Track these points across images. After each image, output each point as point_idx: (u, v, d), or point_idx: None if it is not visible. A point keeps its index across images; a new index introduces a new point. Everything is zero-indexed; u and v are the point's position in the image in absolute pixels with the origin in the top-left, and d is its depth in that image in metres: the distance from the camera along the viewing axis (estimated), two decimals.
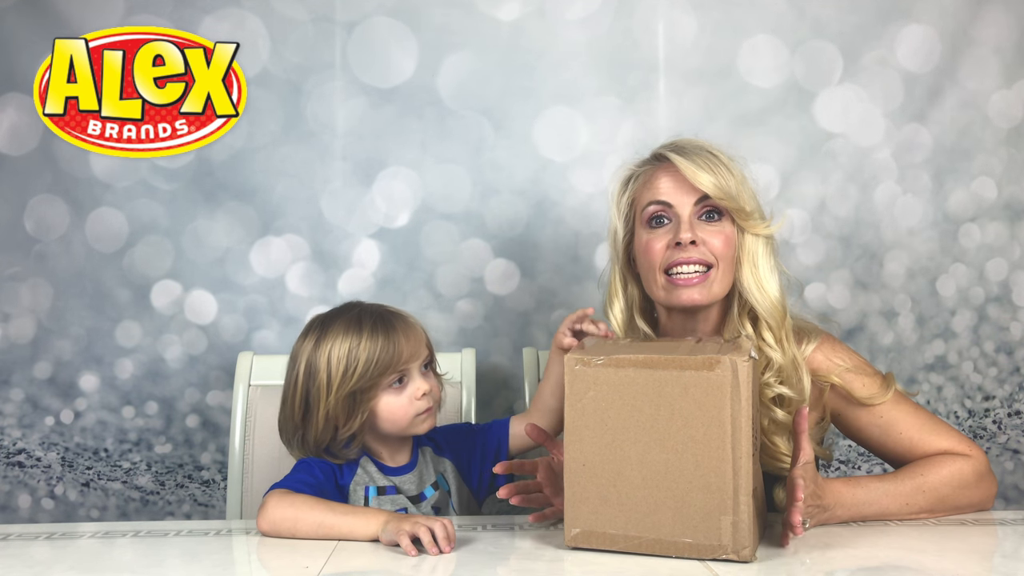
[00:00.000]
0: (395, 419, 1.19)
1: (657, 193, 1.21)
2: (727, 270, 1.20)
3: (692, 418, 0.95)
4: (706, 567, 0.92)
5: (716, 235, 1.19)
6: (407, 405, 1.19)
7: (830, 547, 1.03)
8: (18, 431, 1.76)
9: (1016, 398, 1.83)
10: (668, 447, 0.95)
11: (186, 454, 1.78)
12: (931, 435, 1.19)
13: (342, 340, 1.18)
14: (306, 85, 1.75)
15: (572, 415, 0.99)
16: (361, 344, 1.17)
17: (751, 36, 1.78)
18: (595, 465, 0.98)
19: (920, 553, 1.01)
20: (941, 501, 1.14)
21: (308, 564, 0.95)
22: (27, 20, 1.72)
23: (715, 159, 1.19)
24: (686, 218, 1.19)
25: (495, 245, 1.77)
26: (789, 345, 1.20)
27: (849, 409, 1.21)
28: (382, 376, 1.17)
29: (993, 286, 1.83)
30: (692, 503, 0.95)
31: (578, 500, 0.99)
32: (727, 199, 1.18)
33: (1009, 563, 1.01)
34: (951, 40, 1.79)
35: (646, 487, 0.96)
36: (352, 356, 1.16)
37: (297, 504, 1.07)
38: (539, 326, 1.78)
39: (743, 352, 0.95)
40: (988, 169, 1.81)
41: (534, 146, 1.76)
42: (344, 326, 1.20)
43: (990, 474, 1.18)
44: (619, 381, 0.97)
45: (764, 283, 1.20)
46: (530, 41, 1.77)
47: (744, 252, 1.21)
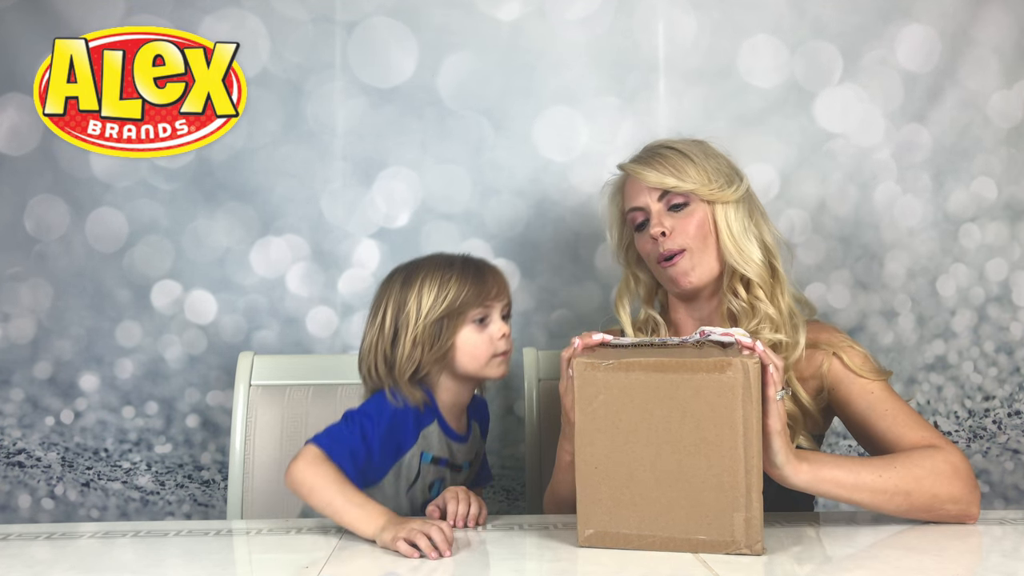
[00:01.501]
0: (475, 355, 1.23)
1: (629, 201, 1.32)
2: (705, 248, 1.28)
3: (704, 419, 0.96)
4: (706, 567, 0.92)
5: (685, 221, 1.27)
6: (488, 344, 1.24)
7: (829, 546, 1.03)
8: (18, 431, 1.76)
9: (1016, 398, 1.83)
10: (680, 448, 0.97)
11: (186, 454, 1.78)
12: (915, 424, 1.18)
13: (434, 274, 1.24)
14: (306, 85, 1.75)
15: (583, 419, 1.00)
16: (453, 277, 1.23)
17: (751, 36, 1.78)
18: (607, 467, 0.99)
19: (920, 553, 1.01)
20: (917, 482, 1.10)
21: (308, 564, 0.95)
22: (27, 20, 1.72)
23: (668, 154, 1.29)
24: (655, 215, 1.28)
25: (495, 245, 1.77)
26: (784, 299, 1.26)
27: (846, 379, 1.24)
28: (469, 308, 1.23)
29: (993, 286, 1.83)
30: (705, 502, 0.97)
31: (591, 502, 1.00)
32: (682, 186, 1.26)
33: (1009, 563, 1.01)
34: (951, 40, 1.79)
35: (659, 488, 0.98)
36: (444, 286, 1.22)
37: (320, 475, 1.09)
38: (539, 326, 1.78)
39: (752, 359, 0.96)
40: (988, 169, 1.81)
41: (534, 146, 1.76)
42: (434, 264, 1.26)
43: (969, 476, 1.13)
44: (630, 384, 0.98)
45: (742, 246, 1.27)
46: (530, 41, 1.77)
47: (720, 224, 1.27)
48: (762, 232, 1.29)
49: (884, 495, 1.09)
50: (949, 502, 1.11)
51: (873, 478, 1.09)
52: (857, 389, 1.23)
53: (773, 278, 1.27)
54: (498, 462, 1.75)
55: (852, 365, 1.24)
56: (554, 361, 1.57)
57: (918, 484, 1.10)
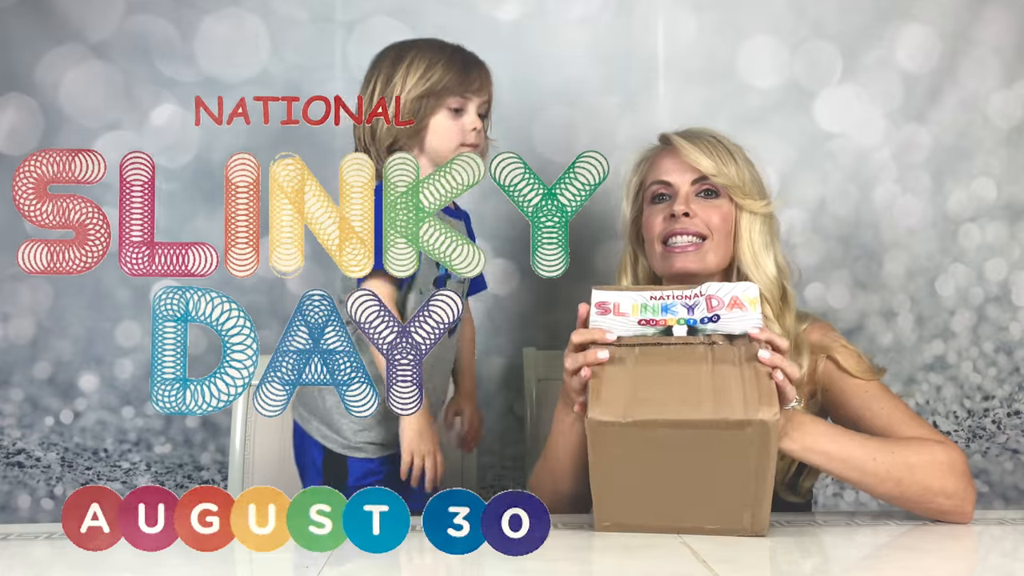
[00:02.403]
0: (444, 140, 1.31)
1: (659, 173, 1.30)
2: (722, 243, 1.26)
3: (720, 463, 0.97)
4: (706, 567, 0.92)
5: (712, 210, 1.26)
6: (458, 132, 1.32)
7: (829, 546, 1.03)
8: (18, 431, 1.75)
9: (1016, 398, 1.83)
10: (694, 480, 0.99)
11: (186, 454, 1.78)
12: (911, 422, 1.17)
13: (423, 55, 1.31)
14: (306, 85, 1.74)
15: (596, 462, 1.00)
16: (441, 63, 1.30)
17: (751, 36, 1.78)
18: (620, 489, 1.02)
19: (920, 553, 1.01)
20: (910, 470, 1.08)
21: (308, 564, 0.95)
22: (27, 20, 1.71)
23: (716, 143, 1.28)
24: (683, 194, 1.27)
25: (495, 245, 1.77)
26: (789, 320, 1.24)
27: (838, 379, 1.23)
28: (448, 95, 1.31)
29: (992, 286, 1.82)
30: (716, 504, 0.99)
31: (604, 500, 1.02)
32: (722, 177, 1.25)
33: (1009, 563, 1.01)
34: (951, 40, 1.79)
35: (672, 502, 1.00)
36: (431, 68, 1.29)
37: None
38: (539, 326, 1.78)
39: (772, 405, 0.95)
40: (988, 169, 1.81)
41: (534, 146, 1.76)
42: (427, 47, 1.33)
43: (966, 473, 1.11)
44: (645, 438, 0.97)
45: (759, 258, 1.26)
46: (530, 41, 1.77)
47: (742, 228, 1.27)
48: (777, 253, 1.28)
49: (875, 478, 1.08)
50: (941, 495, 1.09)
51: (866, 459, 1.08)
52: (850, 390, 1.22)
53: (783, 299, 1.25)
54: (498, 462, 1.75)
55: (845, 366, 1.22)
56: (554, 361, 1.56)
57: (910, 473, 1.08)
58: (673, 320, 1.06)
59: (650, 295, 1.10)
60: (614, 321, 1.06)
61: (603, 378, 1.00)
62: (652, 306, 1.08)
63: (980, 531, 1.11)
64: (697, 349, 1.02)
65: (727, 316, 1.05)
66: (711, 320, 1.05)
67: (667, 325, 1.05)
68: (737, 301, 1.06)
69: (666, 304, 1.08)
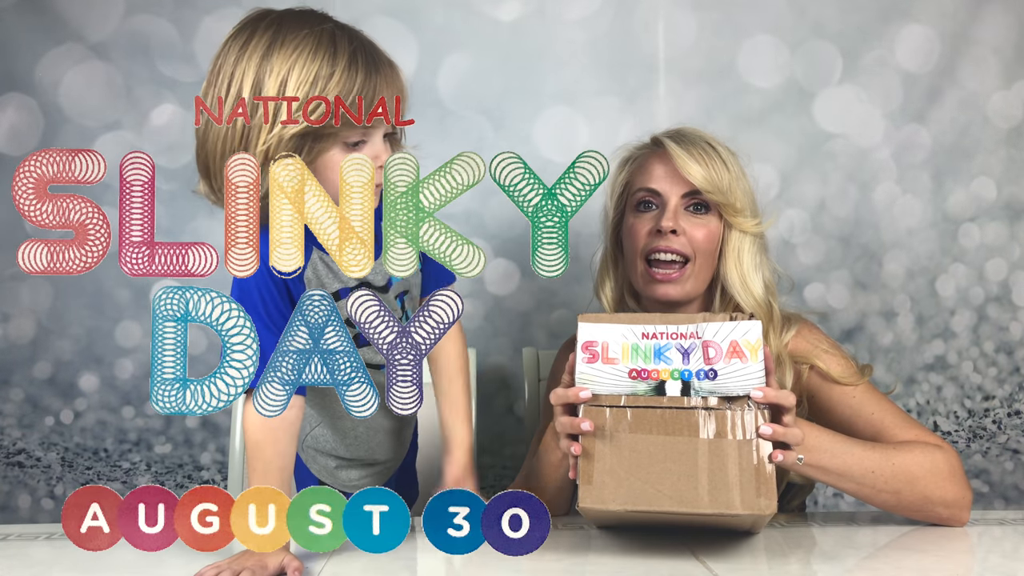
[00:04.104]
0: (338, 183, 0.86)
1: (648, 180, 1.24)
2: (705, 264, 1.22)
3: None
4: (706, 567, 0.92)
5: (699, 228, 1.21)
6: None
7: (829, 547, 1.03)
8: (18, 431, 1.75)
9: (1016, 398, 1.83)
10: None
11: (186, 454, 1.78)
12: (903, 424, 1.15)
13: (309, 59, 0.91)
14: None
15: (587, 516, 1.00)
16: (335, 76, 0.91)
17: (751, 36, 1.78)
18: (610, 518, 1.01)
19: (920, 553, 1.01)
20: (911, 483, 1.07)
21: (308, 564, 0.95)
22: (27, 20, 1.71)
23: (712, 152, 1.21)
24: (671, 207, 1.22)
25: (495, 245, 1.77)
26: (774, 339, 1.20)
27: (824, 387, 1.20)
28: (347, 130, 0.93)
29: (993, 286, 1.83)
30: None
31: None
32: (716, 193, 1.20)
33: (1009, 563, 1.01)
34: (951, 40, 1.79)
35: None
36: (319, 87, 0.91)
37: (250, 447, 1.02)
38: (539, 326, 1.78)
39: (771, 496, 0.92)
40: (988, 169, 1.82)
41: (534, 146, 1.76)
42: (313, 41, 0.92)
43: (964, 478, 1.11)
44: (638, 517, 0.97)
45: (747, 279, 1.22)
46: (530, 41, 1.77)
47: (729, 247, 1.22)
48: (765, 272, 1.24)
49: (872, 489, 1.08)
50: (940, 505, 1.09)
51: (864, 473, 1.06)
52: (837, 397, 1.19)
53: (770, 320, 1.21)
54: (498, 462, 1.75)
55: (830, 373, 1.19)
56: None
57: (911, 485, 1.08)
58: (667, 372, 0.99)
59: (641, 331, 1.01)
60: (602, 372, 0.99)
61: (593, 456, 0.96)
62: (644, 349, 1.00)
63: (980, 531, 1.11)
64: (693, 416, 0.96)
65: (725, 371, 0.97)
66: (707, 376, 0.98)
67: (660, 380, 0.98)
68: (737, 348, 0.98)
69: (659, 347, 1.00)
